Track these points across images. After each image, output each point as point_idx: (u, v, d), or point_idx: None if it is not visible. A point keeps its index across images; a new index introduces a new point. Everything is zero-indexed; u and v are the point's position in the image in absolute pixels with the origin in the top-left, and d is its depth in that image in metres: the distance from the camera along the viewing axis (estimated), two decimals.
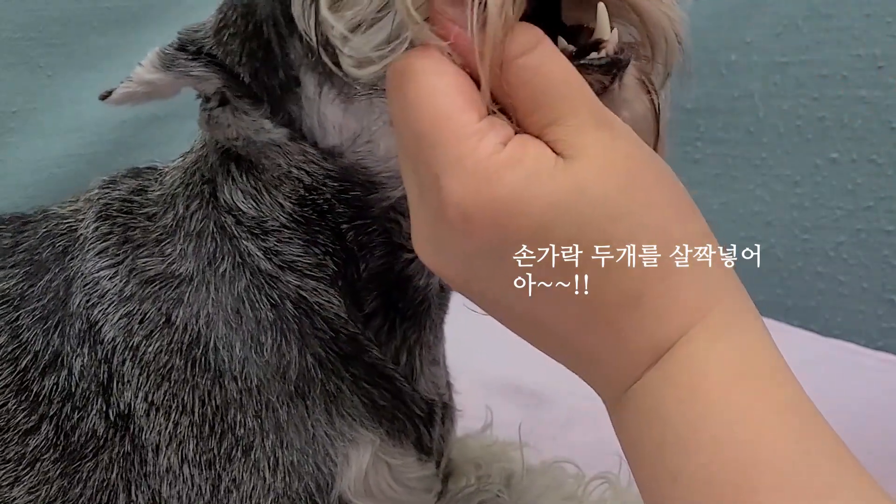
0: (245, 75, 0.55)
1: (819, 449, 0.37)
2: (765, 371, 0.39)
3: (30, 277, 0.60)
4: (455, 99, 0.39)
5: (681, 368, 0.39)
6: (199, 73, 0.55)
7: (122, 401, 0.56)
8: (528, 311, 0.41)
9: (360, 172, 0.55)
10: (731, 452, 0.37)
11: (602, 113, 0.40)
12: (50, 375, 0.57)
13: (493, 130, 0.39)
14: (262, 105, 0.55)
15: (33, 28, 0.98)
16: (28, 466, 0.56)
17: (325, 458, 0.56)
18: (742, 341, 0.39)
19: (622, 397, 0.41)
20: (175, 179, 0.61)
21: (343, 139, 0.53)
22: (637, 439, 0.40)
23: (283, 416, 0.55)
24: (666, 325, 0.39)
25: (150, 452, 0.55)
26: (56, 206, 0.66)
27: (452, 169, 0.38)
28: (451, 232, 0.39)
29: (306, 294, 0.57)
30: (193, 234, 0.58)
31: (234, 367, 0.55)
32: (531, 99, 0.39)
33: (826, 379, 0.93)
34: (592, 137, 0.39)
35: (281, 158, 0.56)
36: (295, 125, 0.55)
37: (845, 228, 1.10)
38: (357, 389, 0.58)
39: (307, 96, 0.53)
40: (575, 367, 0.43)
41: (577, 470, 0.75)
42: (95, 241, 0.59)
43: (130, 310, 0.57)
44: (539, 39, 0.40)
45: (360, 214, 0.56)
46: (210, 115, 0.57)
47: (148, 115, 1.08)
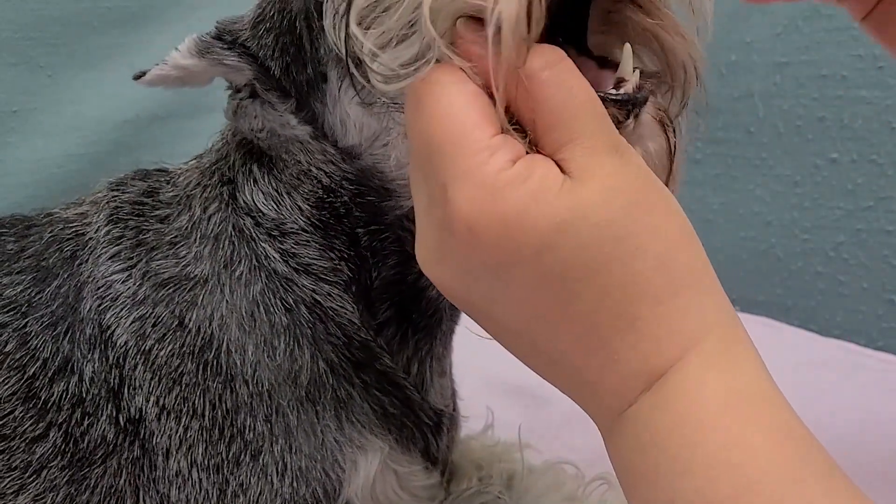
0: (276, 69, 0.56)
1: (812, 471, 0.37)
2: (758, 397, 0.39)
3: (37, 283, 0.60)
4: (470, 113, 0.40)
5: (675, 394, 0.39)
6: (233, 62, 0.56)
7: (133, 405, 0.56)
8: (524, 329, 0.42)
9: (376, 177, 0.55)
10: (725, 476, 0.37)
11: (615, 138, 0.41)
12: (59, 382, 0.57)
13: (504, 147, 0.39)
14: (289, 100, 0.56)
15: (33, 28, 0.98)
16: (34, 474, 0.56)
17: (333, 464, 0.56)
18: (735, 368, 0.40)
19: (616, 422, 0.41)
20: (190, 180, 0.61)
21: (363, 138, 0.54)
22: (631, 465, 0.41)
23: (293, 420, 0.55)
24: (661, 351, 0.39)
25: (160, 457, 0.55)
26: (59, 208, 0.66)
27: (461, 181, 0.39)
28: (455, 244, 0.40)
29: (321, 298, 0.57)
30: (210, 237, 0.58)
31: (246, 370, 0.55)
32: (550, 114, 0.40)
33: (826, 379, 0.94)
34: (602, 161, 0.39)
35: (302, 155, 0.57)
36: (317, 123, 0.56)
37: (845, 228, 1.10)
38: (368, 396, 0.58)
39: (332, 94, 0.54)
40: (569, 389, 0.43)
41: (577, 471, 0.76)
42: (107, 245, 0.59)
43: (144, 313, 0.57)
44: (561, 58, 0.40)
45: (374, 220, 0.56)
46: (239, 105, 0.58)
47: (149, 115, 1.08)
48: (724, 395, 0.39)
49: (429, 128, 0.40)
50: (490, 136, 0.39)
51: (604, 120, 0.41)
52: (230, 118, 0.60)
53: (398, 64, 0.42)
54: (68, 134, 1.03)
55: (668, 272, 0.39)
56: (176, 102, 1.09)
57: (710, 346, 0.40)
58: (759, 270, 1.19)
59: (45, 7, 0.99)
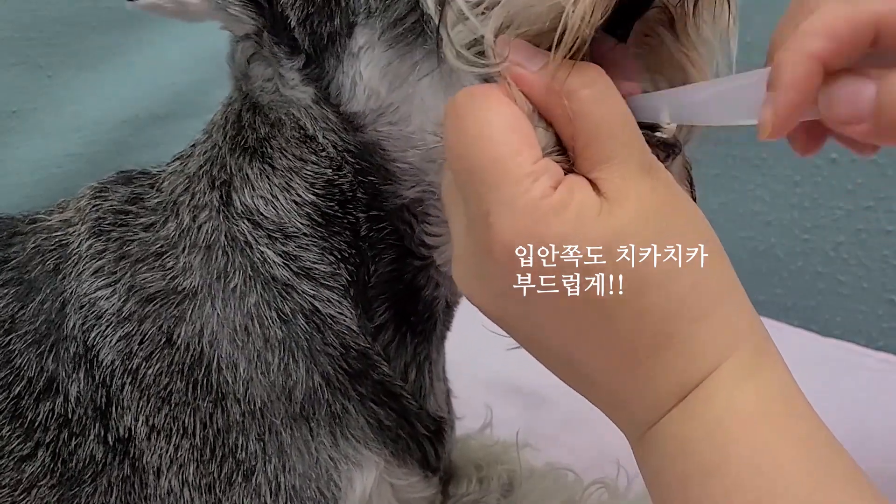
0: (294, 18, 0.53)
1: (837, 479, 0.38)
2: (785, 407, 0.40)
3: (20, 299, 0.59)
4: (511, 138, 0.41)
5: (705, 406, 0.40)
6: (236, 12, 0.54)
7: (122, 425, 0.55)
8: (560, 349, 0.43)
9: (377, 153, 0.54)
10: (752, 482, 0.38)
11: (648, 157, 0.42)
12: (45, 402, 0.56)
13: (546, 174, 0.40)
14: (296, 56, 0.54)
15: (33, 28, 0.98)
16: (24, 492, 0.55)
17: (328, 482, 0.55)
18: (764, 379, 0.41)
19: (646, 433, 0.42)
20: (177, 186, 0.59)
21: (368, 108, 0.52)
22: (660, 472, 0.41)
23: (286, 439, 0.55)
24: (694, 366, 0.40)
25: (151, 475, 0.55)
26: (44, 212, 0.64)
27: (504, 208, 0.40)
28: (495, 267, 0.41)
29: (320, 305, 0.56)
30: (202, 247, 0.56)
31: (238, 388, 0.54)
32: (588, 132, 0.41)
33: (826, 379, 0.93)
34: (637, 182, 0.40)
35: (306, 120, 0.55)
36: (321, 83, 0.54)
37: (845, 228, 1.10)
38: (363, 409, 0.57)
39: (351, 51, 0.52)
40: (601, 403, 0.44)
41: (576, 477, 0.76)
42: (90, 260, 0.58)
43: (129, 330, 0.55)
44: (600, 75, 0.41)
45: (375, 204, 0.55)
46: (241, 51, 0.56)
47: (148, 115, 1.08)
48: (754, 405, 0.40)
49: (469, 151, 0.41)
50: (532, 163, 0.40)
51: (639, 139, 0.42)
52: (232, 67, 0.57)
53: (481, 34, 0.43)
54: (68, 134, 1.03)
55: (702, 291, 0.40)
56: (176, 102, 1.08)
57: (740, 358, 0.40)
58: (759, 270, 1.19)
59: (44, 7, 0.99)
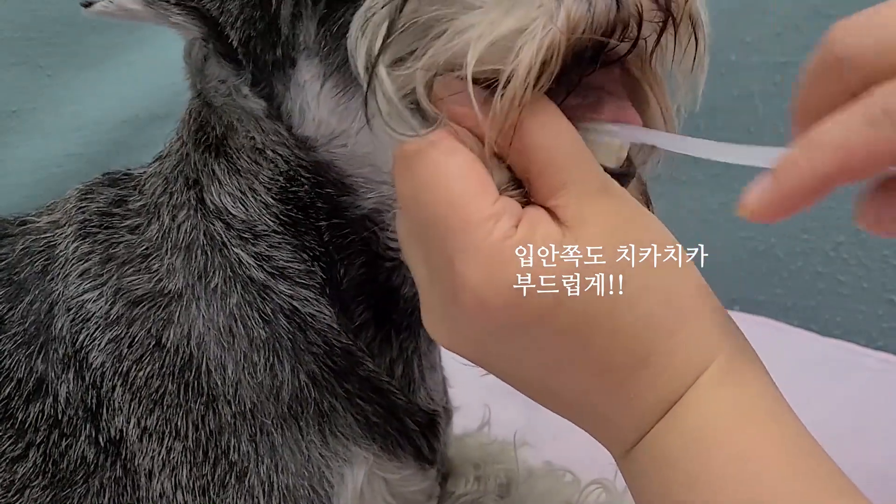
0: (235, 39, 0.53)
1: (820, 483, 0.38)
2: (765, 411, 0.40)
3: (9, 300, 0.59)
4: (467, 182, 0.40)
5: (686, 415, 0.40)
6: (179, 21, 0.54)
7: (114, 426, 0.55)
8: (539, 380, 0.43)
9: (333, 171, 0.54)
10: (735, 487, 0.38)
11: (602, 178, 0.42)
12: (35, 403, 0.56)
13: (505, 214, 0.40)
14: (243, 72, 0.54)
15: (33, 28, 0.98)
16: (17, 493, 0.56)
17: (321, 479, 0.55)
18: (743, 384, 0.41)
19: (631, 451, 0.42)
20: (156, 187, 0.59)
21: (319, 135, 0.52)
22: (646, 485, 0.41)
23: (277, 439, 0.55)
24: (674, 381, 0.40)
25: (144, 478, 0.55)
26: (34, 213, 0.64)
27: (468, 255, 0.39)
28: (466, 314, 0.40)
29: (298, 305, 0.56)
30: (182, 247, 0.56)
31: (228, 390, 0.55)
32: (540, 161, 0.41)
33: (826, 379, 0.94)
34: (594, 204, 0.40)
35: (256, 133, 0.55)
36: (274, 102, 0.54)
37: (845, 228, 1.10)
38: (351, 407, 0.57)
39: (297, 82, 0.52)
40: (585, 425, 0.44)
41: (574, 477, 0.76)
42: (76, 262, 0.58)
43: (118, 333, 0.56)
44: (545, 104, 0.41)
45: (336, 214, 0.55)
46: (198, 47, 0.56)
47: (148, 115, 1.08)
48: (732, 411, 0.40)
49: (426, 199, 0.41)
50: (491, 204, 0.40)
51: (591, 162, 0.41)
52: (198, 62, 0.57)
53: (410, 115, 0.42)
54: (68, 134, 1.03)
55: (674, 304, 0.40)
56: (176, 102, 1.07)
57: (717, 366, 0.40)
58: (759, 270, 1.19)
59: (44, 7, 0.99)
